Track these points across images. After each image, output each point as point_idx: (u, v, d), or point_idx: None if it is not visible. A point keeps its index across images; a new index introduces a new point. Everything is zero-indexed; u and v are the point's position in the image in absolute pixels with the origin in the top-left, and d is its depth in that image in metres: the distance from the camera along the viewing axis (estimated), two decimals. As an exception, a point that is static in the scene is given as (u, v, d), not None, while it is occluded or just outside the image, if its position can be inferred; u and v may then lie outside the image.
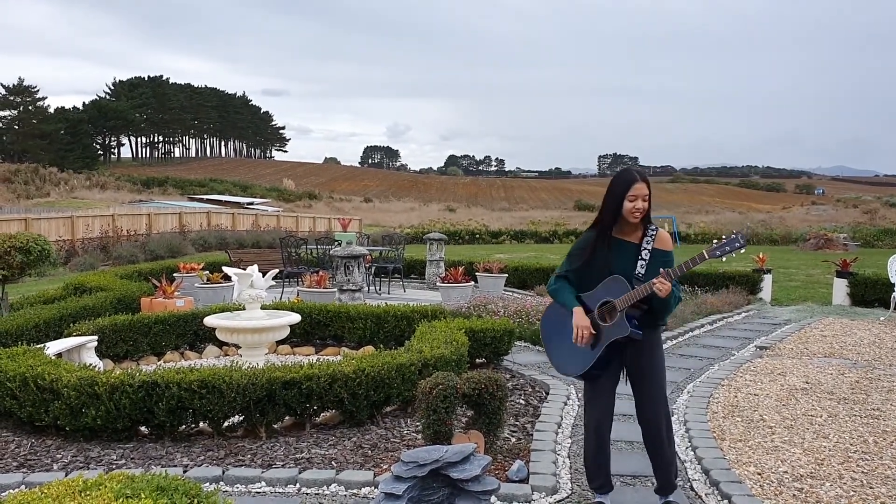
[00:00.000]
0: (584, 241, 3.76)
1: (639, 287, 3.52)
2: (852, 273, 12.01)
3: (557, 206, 76.65)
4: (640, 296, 3.51)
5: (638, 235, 3.66)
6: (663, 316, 3.67)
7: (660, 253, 3.63)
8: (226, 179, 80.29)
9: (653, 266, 3.58)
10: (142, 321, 7.53)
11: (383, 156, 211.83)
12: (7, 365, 5.22)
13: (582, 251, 3.72)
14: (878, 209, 50.79)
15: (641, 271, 3.58)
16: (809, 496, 3.94)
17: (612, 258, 3.63)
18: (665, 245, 3.66)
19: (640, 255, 3.60)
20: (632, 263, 3.62)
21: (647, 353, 3.68)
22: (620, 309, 3.55)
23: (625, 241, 3.66)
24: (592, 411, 3.78)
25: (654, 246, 3.63)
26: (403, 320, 7.74)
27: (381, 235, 18.47)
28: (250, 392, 4.87)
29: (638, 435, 3.95)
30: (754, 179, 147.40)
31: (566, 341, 3.69)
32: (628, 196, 3.55)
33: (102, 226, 22.62)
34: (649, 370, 3.70)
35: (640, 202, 3.55)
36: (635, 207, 3.55)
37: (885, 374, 6.88)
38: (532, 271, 14.18)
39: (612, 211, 3.60)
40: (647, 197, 3.57)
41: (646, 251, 3.61)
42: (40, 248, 9.02)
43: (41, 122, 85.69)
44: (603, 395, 3.74)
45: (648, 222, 3.66)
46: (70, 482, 2.69)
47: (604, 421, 3.76)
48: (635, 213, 3.56)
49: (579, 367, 3.68)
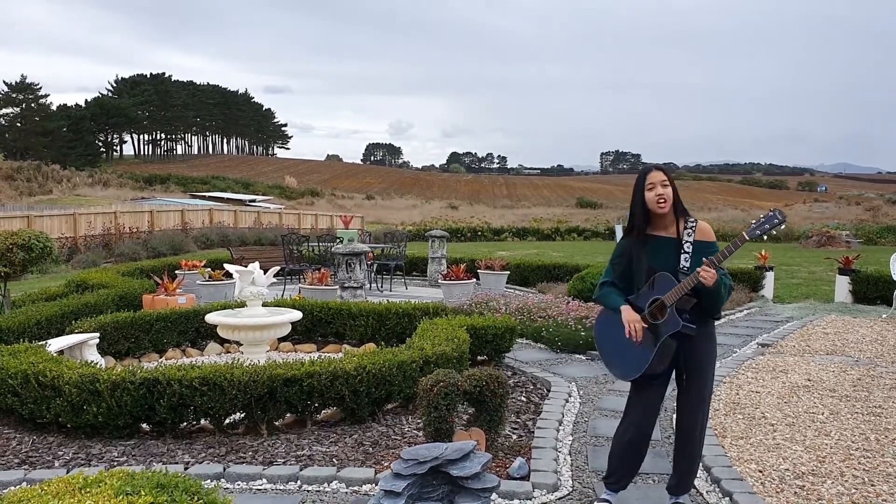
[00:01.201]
0: (621, 247, 3.73)
1: (684, 280, 3.44)
2: (855, 270, 11.98)
3: (560, 203, 76.62)
4: (686, 288, 3.43)
5: (674, 229, 3.59)
6: (715, 306, 3.54)
7: (703, 245, 3.54)
8: (228, 177, 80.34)
9: (697, 258, 3.49)
10: (144, 318, 7.54)
11: (385, 153, 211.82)
12: (9, 362, 5.23)
13: (621, 256, 3.70)
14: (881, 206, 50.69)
15: (686, 265, 3.50)
16: (811, 493, 3.94)
17: (650, 256, 3.58)
18: (707, 236, 3.58)
19: (683, 249, 3.53)
20: (672, 258, 3.54)
21: (699, 347, 3.59)
22: (669, 304, 3.48)
23: (661, 237, 3.61)
24: (634, 411, 3.70)
25: (695, 238, 3.55)
26: (405, 317, 7.74)
27: (383, 233, 18.49)
28: (251, 389, 4.87)
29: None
30: (757, 177, 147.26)
31: (620, 346, 3.62)
32: (646, 186, 3.54)
33: (105, 223, 22.65)
34: (702, 364, 3.61)
35: (659, 188, 3.51)
36: (656, 194, 3.51)
37: (887, 371, 6.86)
38: (534, 269, 14.16)
39: (638, 206, 3.58)
40: (666, 183, 3.52)
41: (688, 244, 3.53)
42: (42, 246, 9.04)
43: (44, 120, 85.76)
44: (645, 397, 3.67)
45: (685, 215, 3.59)
46: (70, 479, 2.69)
47: (647, 420, 3.68)
48: (659, 200, 3.51)
49: (638, 368, 3.58)
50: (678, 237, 3.58)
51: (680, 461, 3.73)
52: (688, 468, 3.72)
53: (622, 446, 3.73)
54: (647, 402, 3.67)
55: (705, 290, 3.42)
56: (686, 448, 3.69)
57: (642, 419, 3.68)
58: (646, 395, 3.68)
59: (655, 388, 3.68)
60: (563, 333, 7.72)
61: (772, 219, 3.42)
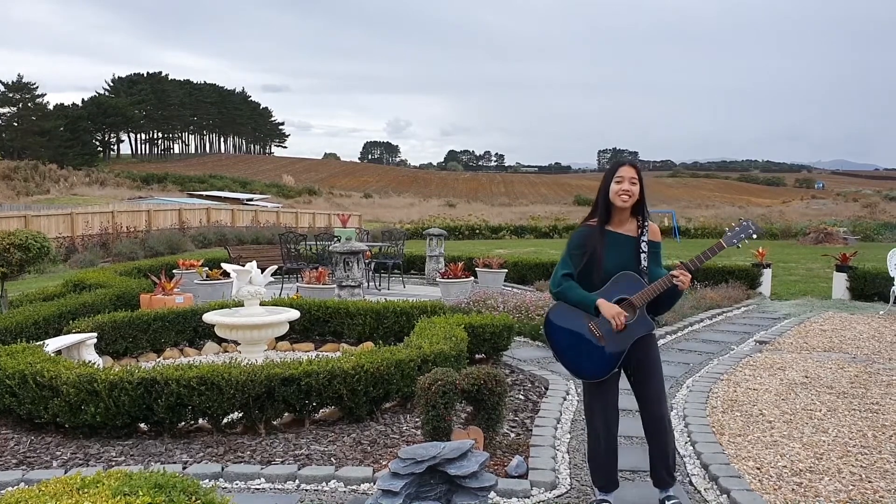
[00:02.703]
0: (580, 237, 3.67)
1: (657, 282, 3.48)
2: (852, 267, 12.00)
3: (557, 200, 76.62)
4: (659, 290, 3.47)
5: (633, 228, 3.62)
6: (669, 308, 3.67)
7: (653, 245, 3.64)
8: (225, 176, 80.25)
9: (651, 259, 3.58)
10: (141, 318, 7.53)
11: (383, 151, 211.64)
12: (6, 362, 5.22)
13: (580, 248, 3.64)
14: (878, 203, 50.81)
15: (645, 265, 3.56)
16: (808, 490, 3.94)
17: (605, 251, 3.57)
18: (656, 237, 3.69)
19: (641, 248, 3.58)
20: (629, 256, 3.57)
21: (648, 347, 3.65)
22: (640, 305, 3.51)
23: (619, 234, 3.61)
24: (600, 410, 3.69)
25: (648, 238, 3.62)
26: (403, 316, 7.74)
27: (381, 231, 18.47)
28: (249, 389, 4.87)
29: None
30: (754, 174, 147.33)
31: (585, 345, 3.59)
32: (615, 178, 3.54)
33: (102, 222, 22.62)
34: (654, 363, 3.66)
35: (626, 184, 3.51)
36: (622, 189, 3.51)
37: (884, 368, 6.88)
38: (532, 266, 14.17)
39: (602, 196, 3.59)
40: (635, 181, 3.53)
41: (644, 243, 3.59)
42: (39, 246, 9.04)
43: (40, 119, 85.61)
44: (610, 392, 3.68)
45: (643, 215, 3.63)
46: (68, 480, 2.69)
47: (612, 419, 3.69)
48: (622, 194, 3.51)
49: (607, 368, 3.57)
50: (636, 236, 3.61)
51: (662, 456, 3.70)
52: (669, 462, 3.71)
53: (600, 452, 3.71)
54: (610, 401, 3.69)
55: (669, 293, 3.49)
56: (662, 444, 3.67)
57: (610, 419, 3.69)
58: (607, 394, 3.69)
59: (614, 387, 3.70)
60: (560, 331, 7.71)
61: (746, 228, 3.60)
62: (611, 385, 3.69)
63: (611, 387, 3.69)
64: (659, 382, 3.68)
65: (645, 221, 3.63)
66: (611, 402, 3.70)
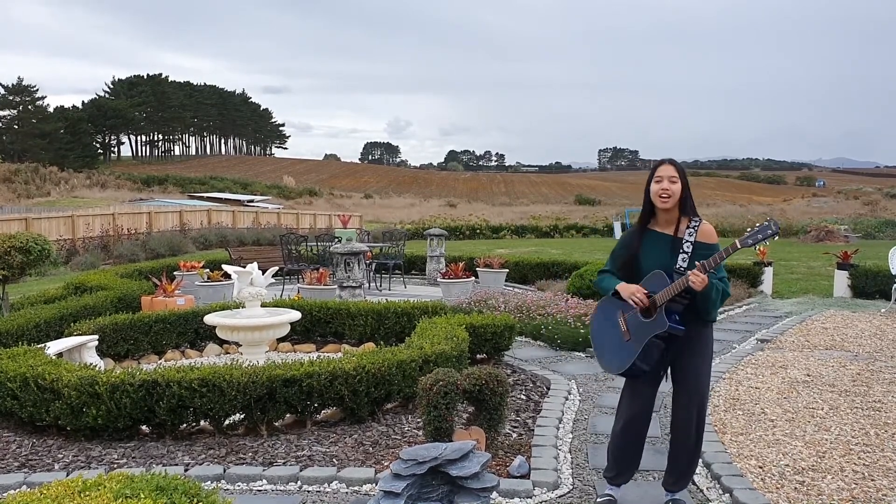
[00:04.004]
0: (624, 238, 3.74)
1: (675, 282, 3.40)
2: (853, 265, 11.98)
3: (558, 200, 76.62)
4: (677, 290, 3.39)
5: (674, 227, 3.56)
6: (706, 310, 3.47)
7: (702, 246, 3.48)
8: (226, 177, 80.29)
9: (695, 260, 3.44)
10: (142, 320, 7.53)
11: (383, 152, 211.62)
12: (8, 365, 5.22)
13: (623, 248, 3.69)
14: (879, 201, 50.76)
15: (683, 265, 3.44)
16: (811, 489, 3.94)
17: (642, 250, 3.58)
18: (709, 238, 3.52)
19: (682, 248, 3.48)
20: (666, 255, 3.51)
21: (689, 351, 3.56)
22: (660, 304, 3.44)
23: (657, 233, 3.59)
24: (627, 407, 3.70)
25: (696, 238, 3.49)
26: (404, 316, 7.74)
27: (382, 231, 18.46)
28: (251, 390, 4.87)
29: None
30: (755, 172, 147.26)
31: (612, 339, 3.62)
32: (654, 178, 3.52)
33: (103, 225, 22.63)
34: (691, 369, 3.58)
35: (665, 182, 3.48)
36: (661, 188, 3.48)
37: (886, 366, 6.87)
38: (533, 266, 14.16)
39: (645, 197, 3.58)
40: (675, 179, 3.48)
41: (688, 244, 3.47)
42: (40, 248, 9.03)
43: (41, 122, 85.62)
44: (643, 390, 3.67)
45: (691, 214, 3.54)
46: (70, 482, 2.69)
47: (640, 415, 3.68)
48: (661, 194, 3.48)
49: (623, 363, 3.57)
50: (676, 235, 3.54)
51: (674, 460, 3.72)
52: (684, 467, 3.71)
53: (618, 442, 3.75)
54: (638, 397, 3.67)
55: (697, 293, 3.38)
56: (679, 446, 3.68)
57: (634, 414, 3.68)
58: (636, 390, 3.68)
59: (647, 385, 3.67)
60: (562, 331, 7.72)
61: (765, 229, 3.38)
62: (642, 386, 3.66)
63: (641, 387, 3.66)
64: (691, 386, 3.58)
65: (695, 221, 3.52)
66: (640, 396, 3.67)
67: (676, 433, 3.69)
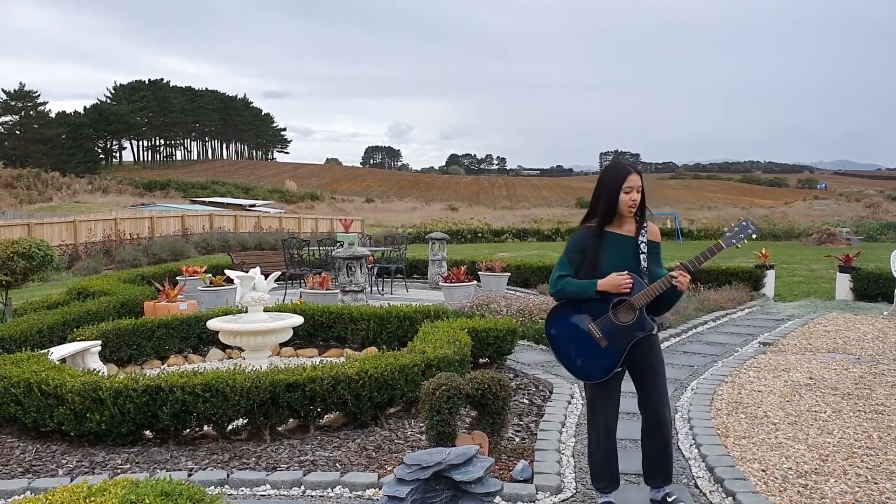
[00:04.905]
0: (579, 241, 3.68)
1: (657, 282, 3.49)
2: (855, 268, 11.97)
3: (559, 203, 76.65)
4: (659, 291, 3.47)
5: (632, 229, 3.64)
6: (670, 308, 3.67)
7: (653, 245, 3.65)
8: (228, 182, 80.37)
9: (651, 259, 3.59)
10: (145, 325, 7.54)
11: (385, 156, 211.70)
12: (11, 371, 5.23)
13: (580, 252, 3.66)
14: (881, 203, 50.74)
15: (644, 265, 3.57)
16: (814, 492, 3.94)
17: (605, 253, 3.59)
18: (656, 237, 3.70)
19: (640, 250, 3.59)
20: (629, 257, 3.58)
21: (651, 347, 3.66)
22: (640, 306, 3.51)
23: (620, 235, 3.63)
24: (602, 411, 3.71)
25: (648, 238, 3.63)
26: (406, 321, 7.74)
27: (384, 235, 18.49)
28: (254, 395, 4.88)
29: (639, 432, 3.93)
30: (756, 174, 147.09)
31: (586, 346, 3.61)
32: (624, 188, 3.55)
33: (105, 230, 22.66)
34: (657, 363, 3.67)
35: (635, 194, 3.54)
36: (632, 199, 3.54)
37: (889, 368, 6.86)
38: (535, 269, 14.16)
39: (609, 204, 3.58)
40: (641, 189, 3.56)
41: (643, 244, 3.61)
42: (43, 254, 9.04)
43: (43, 127, 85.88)
44: (612, 394, 3.70)
45: (642, 215, 3.65)
46: (74, 488, 2.69)
47: (613, 420, 3.72)
48: (632, 205, 3.55)
49: (607, 368, 3.58)
50: (635, 237, 3.62)
51: (662, 455, 3.71)
52: (669, 460, 3.72)
53: (604, 448, 3.73)
54: (612, 399, 3.71)
55: (669, 293, 3.49)
56: (663, 443, 3.69)
57: (610, 417, 3.72)
58: (609, 395, 3.71)
59: (616, 388, 3.71)
60: (564, 335, 7.71)
61: (745, 229, 3.57)
62: (613, 386, 3.70)
63: (613, 388, 3.70)
64: (660, 380, 3.68)
65: (644, 222, 3.64)
66: (612, 403, 3.71)
67: (657, 432, 3.68)
